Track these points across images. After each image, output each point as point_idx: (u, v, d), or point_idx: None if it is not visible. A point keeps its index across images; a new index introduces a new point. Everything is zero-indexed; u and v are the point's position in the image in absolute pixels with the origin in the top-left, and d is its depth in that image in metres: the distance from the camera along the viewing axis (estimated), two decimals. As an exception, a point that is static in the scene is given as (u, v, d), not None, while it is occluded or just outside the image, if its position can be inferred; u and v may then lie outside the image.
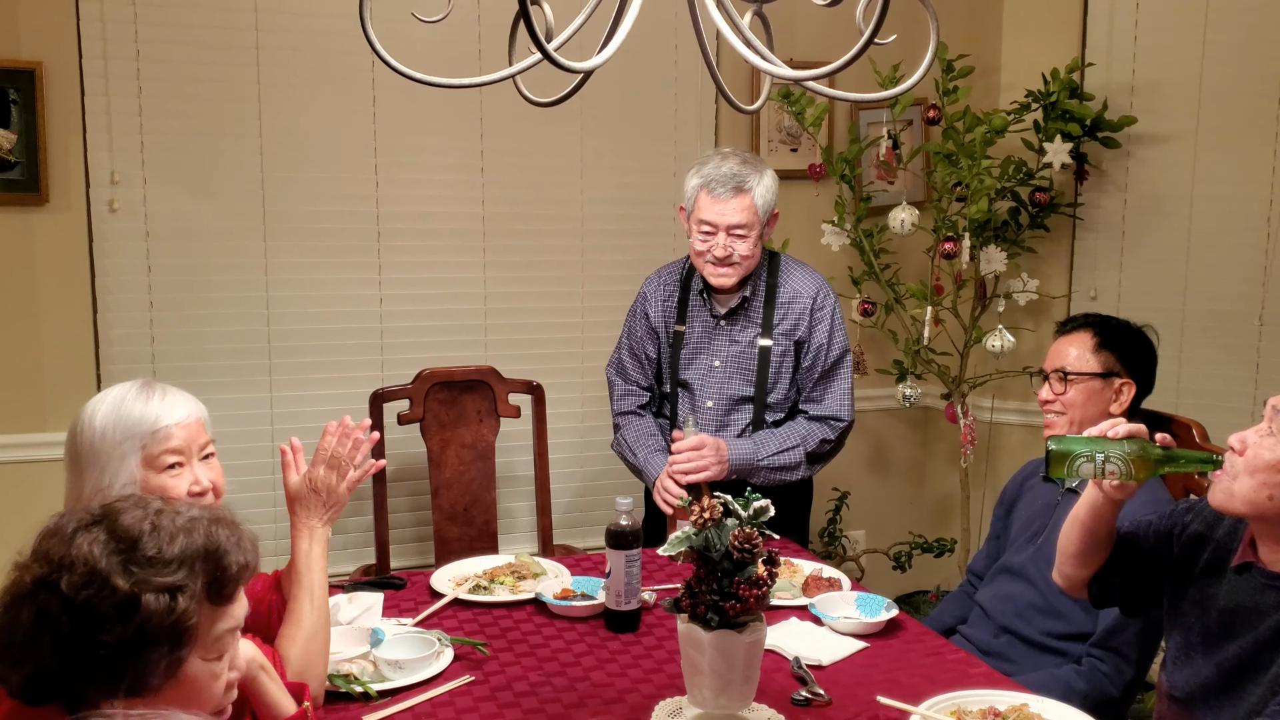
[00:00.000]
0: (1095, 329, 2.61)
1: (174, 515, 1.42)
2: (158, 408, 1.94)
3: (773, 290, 3.04)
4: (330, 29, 3.49)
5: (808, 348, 3.03)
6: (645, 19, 1.63)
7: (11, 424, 3.35)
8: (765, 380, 3.03)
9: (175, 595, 1.34)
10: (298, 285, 3.60)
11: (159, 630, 1.33)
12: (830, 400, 3.05)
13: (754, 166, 2.95)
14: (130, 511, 1.40)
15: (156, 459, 1.93)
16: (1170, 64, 3.74)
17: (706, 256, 2.95)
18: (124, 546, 1.35)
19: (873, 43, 1.47)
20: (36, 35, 3.26)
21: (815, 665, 2.22)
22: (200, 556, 1.39)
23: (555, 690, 2.14)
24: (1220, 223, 3.70)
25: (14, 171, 3.26)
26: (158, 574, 1.35)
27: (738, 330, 3.06)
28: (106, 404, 1.92)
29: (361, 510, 3.58)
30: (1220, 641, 1.93)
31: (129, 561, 1.34)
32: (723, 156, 2.98)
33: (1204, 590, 1.99)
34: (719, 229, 2.91)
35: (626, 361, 3.22)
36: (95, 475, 1.88)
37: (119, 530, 1.37)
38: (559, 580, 2.65)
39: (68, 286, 3.37)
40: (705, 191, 2.93)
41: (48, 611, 1.32)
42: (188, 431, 1.96)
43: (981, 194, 3.62)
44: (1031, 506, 2.70)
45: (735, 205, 2.90)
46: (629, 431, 3.16)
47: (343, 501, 2.16)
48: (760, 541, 1.88)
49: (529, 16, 1.41)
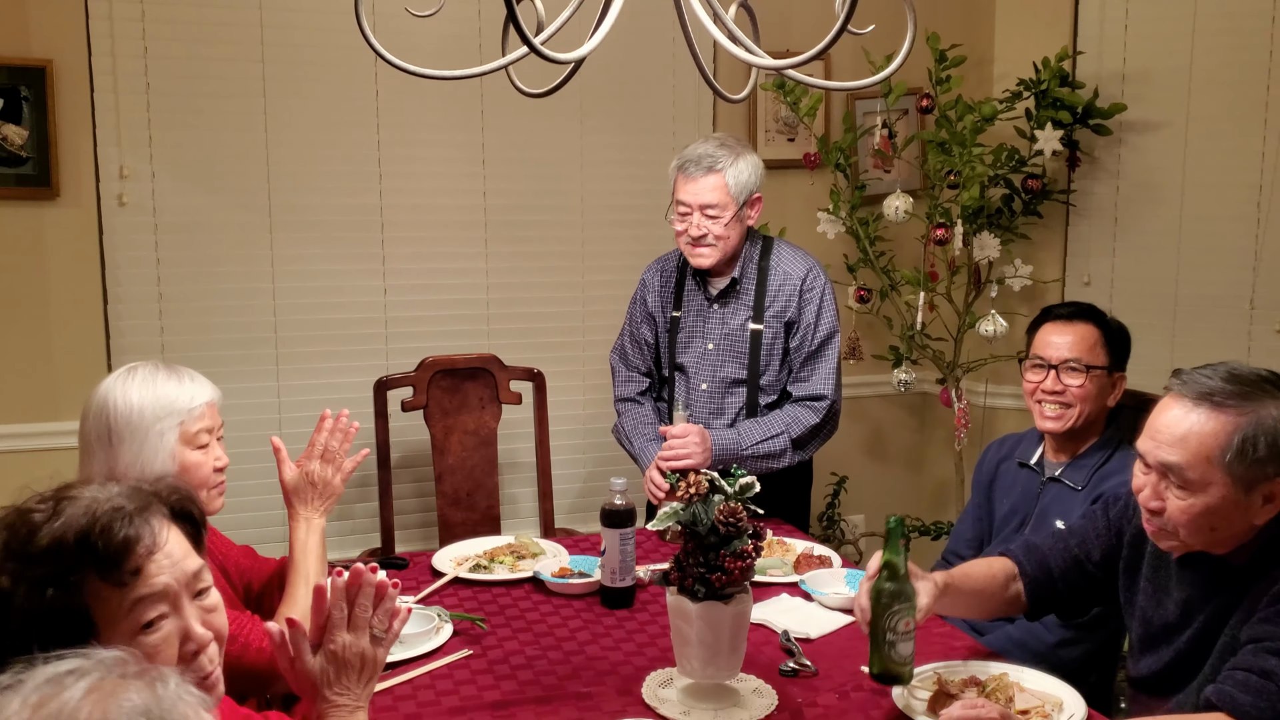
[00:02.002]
0: (1096, 322, 2.62)
1: (78, 501, 1.36)
2: (191, 388, 2.04)
3: (764, 273, 3.10)
4: (333, 26, 3.56)
5: (796, 327, 3.08)
6: (641, 11, 1.69)
7: (25, 413, 3.43)
8: (757, 363, 3.09)
9: (44, 588, 1.29)
10: (303, 276, 3.68)
11: (43, 624, 1.28)
12: (815, 380, 3.07)
13: (730, 149, 3.00)
14: (36, 504, 1.37)
15: (194, 436, 2.03)
16: (1160, 53, 3.79)
17: (684, 237, 3.03)
18: (14, 544, 1.33)
19: (846, 30, 1.53)
20: (47, 34, 3.34)
21: (804, 638, 2.29)
22: (74, 543, 1.32)
23: (550, 663, 2.21)
24: (1211, 208, 3.75)
25: (25, 167, 3.34)
26: (32, 568, 1.30)
27: (729, 313, 3.12)
28: (138, 383, 2.00)
29: (367, 496, 3.66)
30: (1178, 629, 2.00)
31: (9, 557, 1.31)
32: (704, 140, 3.06)
33: (1155, 583, 2.07)
34: (693, 208, 2.98)
35: (628, 347, 3.30)
36: (133, 450, 1.96)
37: (11, 528, 1.34)
38: (557, 560, 2.72)
39: (78, 279, 3.45)
40: (680, 172, 3.01)
41: None
42: (213, 411, 2.07)
43: (974, 181, 3.68)
44: (1012, 493, 2.74)
45: (707, 184, 2.96)
46: (627, 419, 3.23)
47: (338, 491, 2.25)
48: (745, 516, 1.94)
49: (513, 11, 1.48)
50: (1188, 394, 1.86)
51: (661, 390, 3.30)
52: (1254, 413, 1.81)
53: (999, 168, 3.78)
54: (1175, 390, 1.89)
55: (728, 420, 3.11)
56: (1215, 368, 1.89)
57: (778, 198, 4.08)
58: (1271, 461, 1.80)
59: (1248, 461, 1.80)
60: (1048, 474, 2.66)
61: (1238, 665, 1.80)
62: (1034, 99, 3.78)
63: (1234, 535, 1.88)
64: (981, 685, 2.03)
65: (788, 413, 3.08)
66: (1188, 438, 1.83)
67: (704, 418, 3.11)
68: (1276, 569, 1.84)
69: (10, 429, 3.41)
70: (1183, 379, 1.89)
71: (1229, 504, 1.83)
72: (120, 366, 1.97)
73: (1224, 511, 1.84)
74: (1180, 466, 1.84)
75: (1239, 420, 1.80)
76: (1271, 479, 1.82)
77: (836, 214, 3.95)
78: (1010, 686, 2.02)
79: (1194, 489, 1.84)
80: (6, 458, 3.36)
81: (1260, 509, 1.84)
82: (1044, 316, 2.72)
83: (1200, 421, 1.83)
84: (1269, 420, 1.80)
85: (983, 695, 1.98)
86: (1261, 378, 1.86)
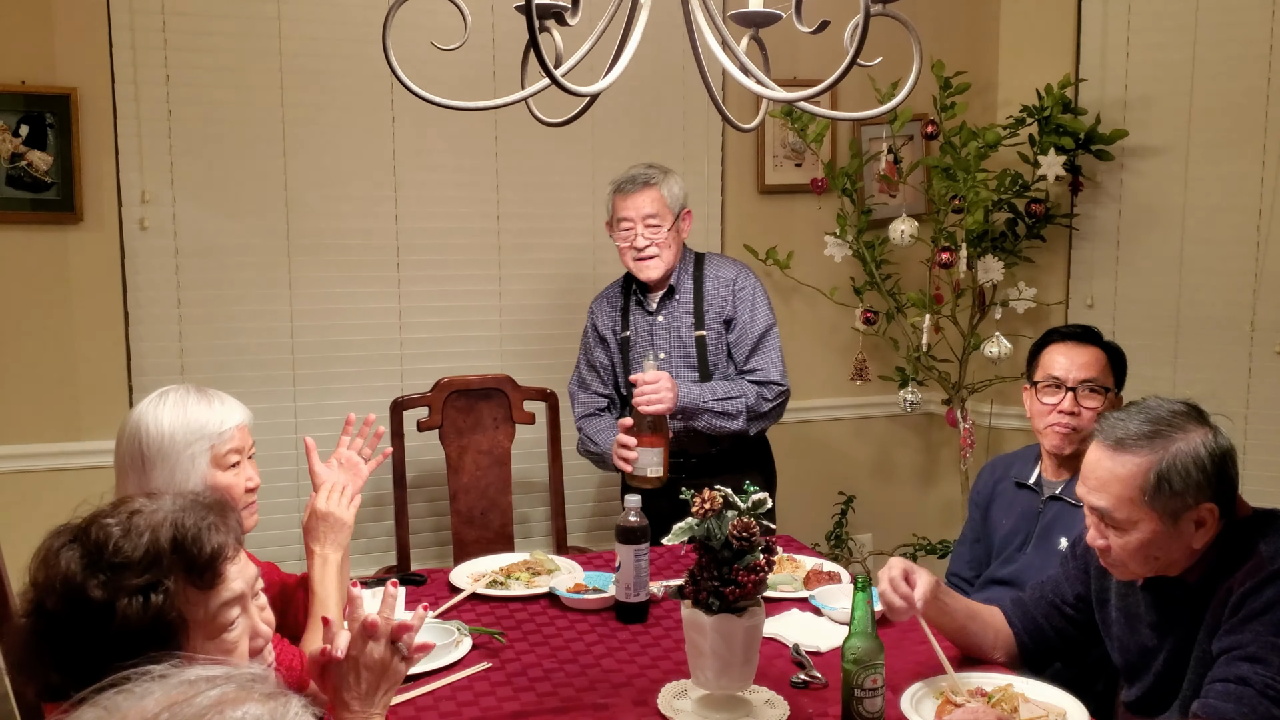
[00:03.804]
0: (1102, 345, 2.68)
1: (151, 513, 1.44)
2: (221, 411, 2.10)
3: (699, 283, 3.31)
4: (351, 54, 3.65)
5: (734, 324, 3.29)
6: (653, 41, 1.76)
7: (48, 433, 3.50)
8: (706, 365, 3.28)
9: (148, 595, 1.37)
10: (320, 299, 3.75)
11: (144, 631, 1.36)
12: (767, 369, 3.27)
13: (660, 169, 3.28)
14: (105, 518, 1.43)
15: (224, 458, 2.09)
16: (1161, 79, 3.86)
17: (630, 253, 3.25)
18: (95, 557, 1.38)
19: (856, 64, 1.60)
20: (71, 63, 3.42)
21: (814, 651, 2.35)
22: (169, 549, 1.41)
23: (567, 675, 2.26)
24: (1212, 232, 3.82)
25: (50, 192, 3.42)
26: (128, 578, 1.37)
27: (673, 322, 3.31)
28: (169, 408, 2.06)
29: (383, 515, 3.72)
30: (1154, 653, 2.10)
31: (99, 570, 1.37)
32: (634, 165, 3.31)
33: (1126, 612, 2.17)
34: (635, 221, 3.22)
35: (585, 374, 3.45)
36: (165, 475, 2.02)
37: (91, 541, 1.40)
38: (572, 576, 2.78)
39: (101, 301, 3.53)
40: (618, 193, 3.27)
41: (41, 633, 1.38)
42: (243, 433, 2.13)
43: (978, 206, 3.75)
44: (1011, 514, 2.78)
45: (644, 197, 3.22)
46: (588, 428, 3.38)
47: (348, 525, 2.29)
48: (757, 531, 2.00)
49: (538, 44, 1.55)
50: (1106, 440, 1.99)
51: (623, 410, 3.38)
52: (1164, 450, 1.93)
53: (1003, 192, 3.85)
54: (1097, 437, 2.02)
55: None
56: (1130, 411, 2.01)
57: (786, 222, 4.16)
58: (1189, 492, 1.93)
59: (1166, 496, 1.93)
60: (1047, 493, 2.71)
61: (1215, 678, 1.90)
62: (1037, 125, 3.85)
63: (1179, 559, 2.00)
64: (987, 696, 2.09)
65: (748, 385, 3.25)
66: (1109, 483, 1.97)
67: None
68: (1228, 581, 1.96)
69: (33, 449, 3.48)
70: (1102, 425, 2.02)
71: (1162, 536, 1.95)
72: (140, 388, 2.03)
73: (1159, 543, 1.96)
74: (1108, 510, 1.98)
75: (1151, 459, 1.93)
76: (1194, 506, 1.94)
77: (843, 238, 4.02)
78: (1015, 697, 2.07)
79: (1126, 528, 1.97)
80: (30, 477, 3.43)
81: (1195, 533, 1.96)
82: (1049, 338, 2.74)
83: (1117, 466, 1.97)
84: (1180, 455, 1.93)
85: (988, 704, 2.03)
86: (1175, 412, 1.98)
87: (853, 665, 2.00)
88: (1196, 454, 1.92)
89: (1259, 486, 3.66)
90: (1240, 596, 1.92)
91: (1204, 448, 1.93)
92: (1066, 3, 3.99)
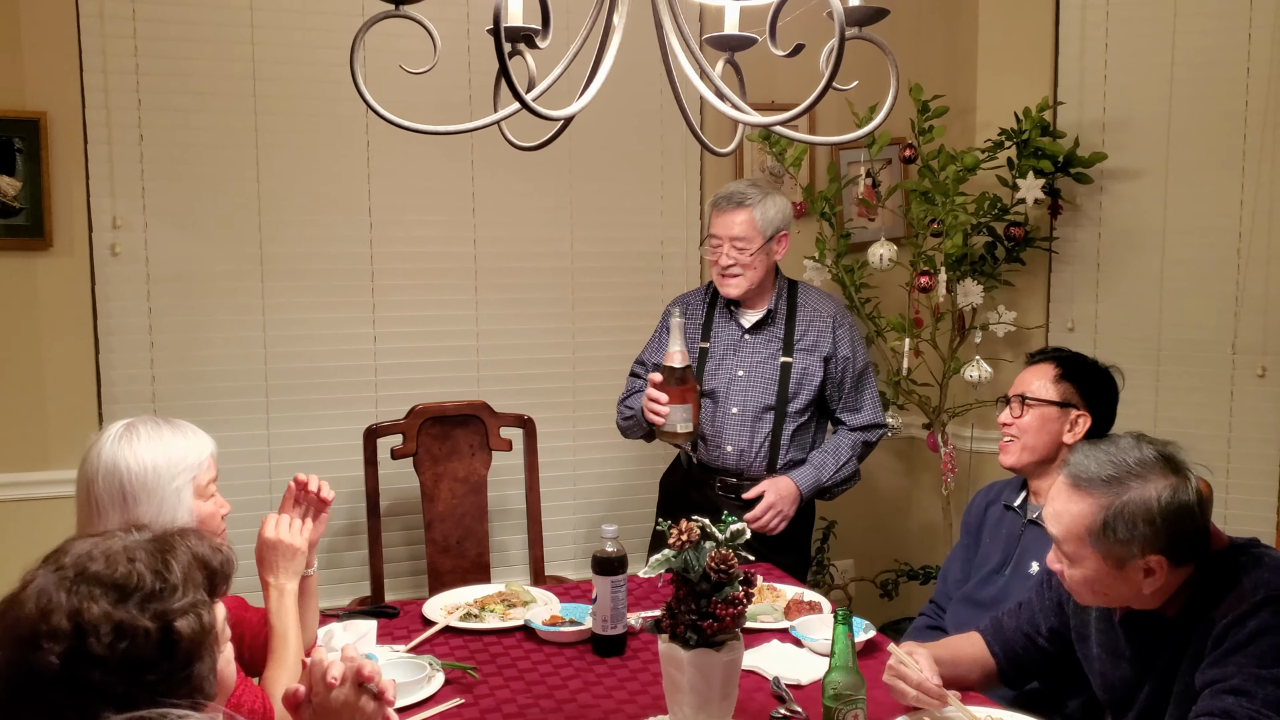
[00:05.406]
0: (1059, 362, 2.71)
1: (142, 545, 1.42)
2: (196, 442, 2.07)
3: (793, 311, 3.30)
4: (325, 78, 3.60)
5: (835, 360, 3.29)
6: (630, 64, 1.73)
7: (15, 463, 3.44)
8: (786, 392, 3.25)
9: (198, 612, 1.39)
10: (294, 325, 3.70)
11: (197, 648, 1.38)
12: (866, 409, 3.36)
13: (760, 189, 3.26)
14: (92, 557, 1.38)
15: (204, 488, 2.06)
16: (1139, 102, 3.86)
17: (716, 267, 3.26)
18: (126, 590, 1.35)
19: (832, 87, 1.58)
20: (41, 86, 3.37)
21: (794, 685, 2.31)
22: (197, 568, 1.43)
23: (543, 711, 2.22)
24: (1192, 254, 3.81)
25: (19, 217, 3.37)
26: (174, 601, 1.37)
27: (761, 344, 3.29)
28: (145, 442, 2.00)
29: (356, 544, 3.67)
30: (1137, 686, 2.10)
31: (143, 601, 1.35)
32: (738, 180, 3.34)
33: (1107, 647, 2.17)
34: (724, 240, 3.22)
35: (646, 361, 3.42)
36: (152, 509, 1.97)
37: (105, 580, 1.35)
38: (548, 608, 2.73)
39: (71, 328, 3.47)
40: (714, 208, 3.28)
41: (90, 681, 1.30)
42: (213, 461, 2.10)
43: (957, 229, 3.73)
44: (995, 536, 2.78)
45: (734, 219, 3.20)
46: (631, 401, 3.34)
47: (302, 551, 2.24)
48: (735, 563, 1.96)
49: (507, 68, 1.52)
50: (1068, 476, 2.02)
51: None
52: (1116, 497, 1.94)
53: (982, 216, 3.84)
54: (1065, 468, 2.04)
55: (759, 442, 3.24)
56: (1101, 449, 2.01)
57: (765, 245, 4.12)
58: (1134, 542, 1.93)
59: (1110, 542, 1.94)
60: (1028, 516, 2.69)
61: (1200, 711, 1.88)
62: (1016, 148, 3.84)
63: (1130, 599, 2.02)
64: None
65: (848, 438, 3.32)
66: (1062, 516, 2.01)
67: (736, 439, 3.24)
68: (1209, 615, 1.95)
69: (1, 478, 3.41)
70: (1072, 458, 2.04)
71: (1106, 576, 1.97)
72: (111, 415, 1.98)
73: (1105, 581, 1.99)
74: (1060, 540, 2.02)
75: (1102, 503, 1.95)
76: (1139, 556, 1.93)
77: (822, 261, 3.99)
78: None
79: (1074, 561, 2.01)
80: (-3, 507, 3.37)
81: (1144, 581, 1.96)
82: None
83: (1070, 504, 1.99)
84: (1130, 505, 1.93)
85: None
86: (1142, 460, 1.97)
87: (833, 701, 1.96)
88: (1148, 506, 1.92)
89: (1242, 511, 3.65)
90: (1223, 629, 1.91)
91: (1158, 501, 1.92)
92: (1044, 26, 3.99)
